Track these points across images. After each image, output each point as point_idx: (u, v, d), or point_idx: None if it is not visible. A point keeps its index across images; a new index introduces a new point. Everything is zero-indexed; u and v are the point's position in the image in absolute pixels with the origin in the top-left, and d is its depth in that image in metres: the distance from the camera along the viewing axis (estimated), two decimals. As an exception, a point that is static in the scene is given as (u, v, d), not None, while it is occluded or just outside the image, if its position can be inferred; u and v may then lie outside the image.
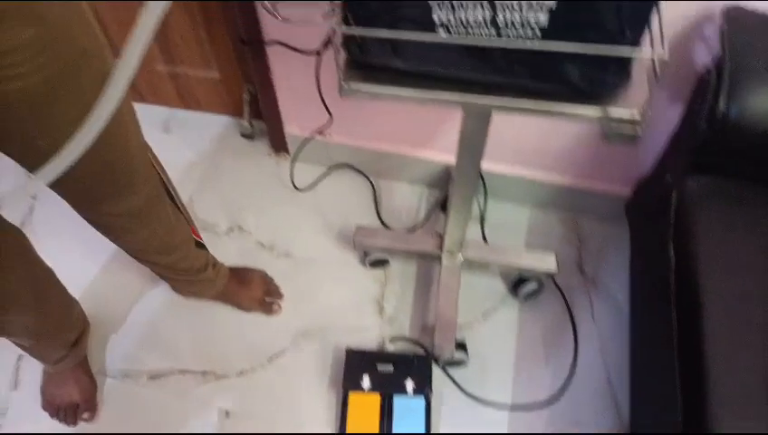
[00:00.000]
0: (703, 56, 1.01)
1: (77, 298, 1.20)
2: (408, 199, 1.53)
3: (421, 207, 1.52)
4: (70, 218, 0.92)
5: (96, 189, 0.87)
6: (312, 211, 1.50)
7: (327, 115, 1.31)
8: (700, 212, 0.93)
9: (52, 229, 1.44)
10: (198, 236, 1.20)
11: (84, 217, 0.94)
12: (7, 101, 0.68)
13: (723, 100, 0.89)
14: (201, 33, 1.43)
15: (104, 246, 1.03)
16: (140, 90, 1.64)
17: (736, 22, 0.94)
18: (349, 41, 0.72)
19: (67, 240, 1.39)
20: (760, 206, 0.93)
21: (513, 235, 1.46)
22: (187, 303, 1.35)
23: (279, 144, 1.57)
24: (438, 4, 0.62)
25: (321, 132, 1.44)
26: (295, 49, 1.15)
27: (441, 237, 1.29)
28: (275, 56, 1.30)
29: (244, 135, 1.64)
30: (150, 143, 0.94)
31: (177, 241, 1.12)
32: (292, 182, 1.53)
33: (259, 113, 1.53)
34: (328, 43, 0.99)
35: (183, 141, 1.63)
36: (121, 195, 0.92)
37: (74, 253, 1.39)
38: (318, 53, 1.05)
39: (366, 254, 1.36)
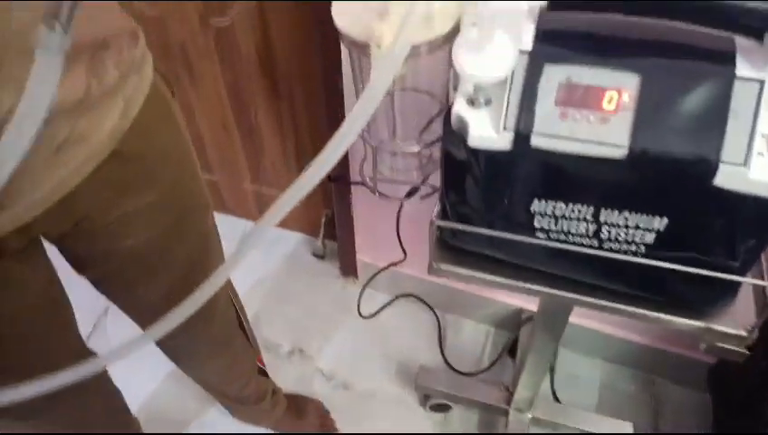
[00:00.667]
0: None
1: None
2: (474, 338, 1.49)
3: (487, 348, 1.47)
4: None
5: None
6: (376, 341, 1.48)
7: (400, 252, 1.32)
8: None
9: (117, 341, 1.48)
10: (262, 363, 1.19)
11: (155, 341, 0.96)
12: (118, 257, 0.71)
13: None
14: (291, 162, 1.50)
15: (163, 361, 1.03)
16: (225, 202, 1.71)
17: None
18: (444, 229, 0.72)
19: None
20: None
21: (585, 390, 1.38)
22: (243, 426, 1.32)
23: (349, 268, 1.58)
24: (540, 216, 0.62)
25: (394, 265, 1.45)
26: (380, 193, 1.18)
27: (509, 392, 1.23)
28: (358, 191, 1.34)
29: (315, 254, 1.66)
30: (225, 254, 0.95)
31: (242, 371, 1.12)
32: (359, 310, 1.52)
33: (333, 235, 1.56)
34: (411, 193, 1.01)
35: (256, 255, 1.67)
36: (197, 326, 0.93)
37: (133, 366, 1.41)
38: (401, 201, 1.07)
39: (427, 397, 1.32)
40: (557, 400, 1.36)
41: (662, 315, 0.69)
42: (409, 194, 1.05)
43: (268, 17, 1.20)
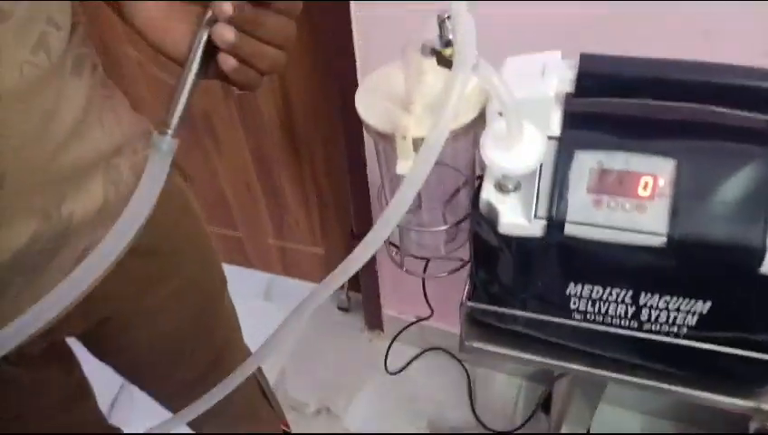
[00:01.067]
0: None
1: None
2: (505, 392, 1.45)
3: (519, 403, 1.43)
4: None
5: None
6: (404, 397, 1.45)
7: (426, 307, 1.30)
8: None
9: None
10: (287, 426, 1.17)
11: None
12: (142, 348, 0.71)
13: None
14: (314, 219, 1.50)
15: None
16: (249, 257, 1.72)
17: None
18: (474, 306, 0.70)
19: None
20: None
21: (623, 445, 1.33)
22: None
23: (374, 322, 1.56)
24: (576, 298, 0.60)
25: (421, 320, 1.43)
26: (407, 270, 1.18)
27: (545, 453, 1.19)
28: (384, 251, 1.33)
29: (340, 308, 1.65)
30: (251, 310, 0.94)
31: (265, 438, 1.10)
32: (385, 365, 1.50)
33: (358, 287, 1.55)
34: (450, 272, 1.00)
35: (281, 309, 1.66)
36: (220, 402, 0.92)
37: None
38: (426, 259, 1.05)
39: (460, 459, 1.28)
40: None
41: (710, 395, 0.66)
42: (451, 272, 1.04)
43: (288, 85, 1.22)
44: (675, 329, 0.60)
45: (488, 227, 0.59)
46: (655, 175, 0.53)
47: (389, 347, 1.48)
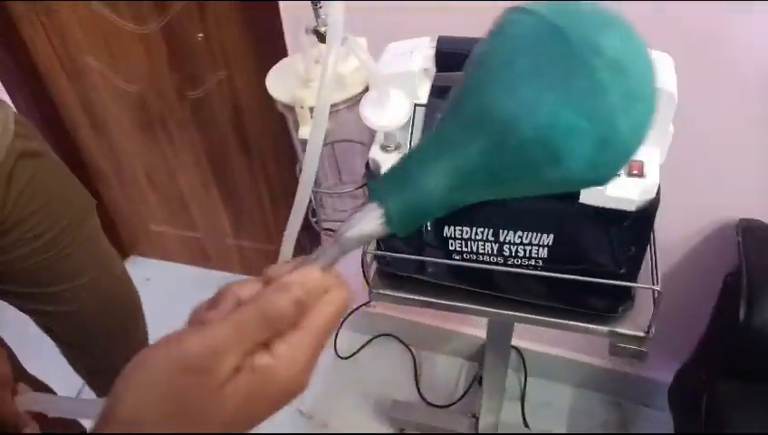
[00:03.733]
0: (726, 262, 1.06)
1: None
2: (448, 372, 1.56)
3: (461, 381, 1.54)
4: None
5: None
6: (354, 380, 1.55)
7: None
8: (730, 415, 0.92)
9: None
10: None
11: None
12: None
13: (743, 308, 0.92)
14: (268, 217, 1.62)
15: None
16: (211, 259, 1.82)
17: (750, 233, 0.99)
18: (379, 257, 0.82)
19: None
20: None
21: (555, 415, 1.44)
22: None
23: (327, 312, 1.67)
24: (452, 240, 0.72)
25: (365, 305, 1.54)
26: (325, 230, 1.30)
27: (476, 418, 1.30)
28: (327, 239, 1.44)
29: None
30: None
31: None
32: (335, 351, 1.60)
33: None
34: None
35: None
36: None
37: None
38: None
39: (401, 429, 1.38)
40: (527, 426, 1.42)
41: (572, 323, 0.78)
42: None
43: (237, 86, 1.35)
44: (532, 262, 0.72)
45: (374, 178, 0.71)
46: (499, 130, 0.65)
47: (338, 332, 1.59)
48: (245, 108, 1.39)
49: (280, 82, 0.73)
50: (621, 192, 0.62)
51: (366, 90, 0.71)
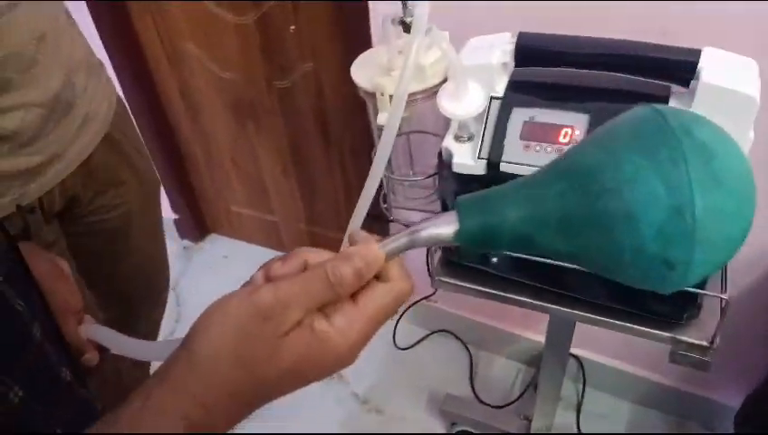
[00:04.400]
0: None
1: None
2: (503, 374, 1.56)
3: (516, 384, 1.54)
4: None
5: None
6: (410, 372, 1.59)
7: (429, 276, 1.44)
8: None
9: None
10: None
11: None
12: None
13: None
14: (341, 205, 1.68)
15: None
16: (284, 243, 1.91)
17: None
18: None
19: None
20: None
21: (611, 428, 1.42)
22: None
23: (389, 303, 1.71)
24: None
25: (426, 299, 1.57)
26: (395, 219, 1.33)
27: (529, 420, 1.30)
28: (396, 228, 1.49)
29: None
30: None
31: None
32: (394, 341, 1.64)
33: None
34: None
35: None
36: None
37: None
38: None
39: (453, 424, 1.40)
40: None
41: (635, 326, 0.78)
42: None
43: (322, 79, 1.41)
44: (596, 260, 0.73)
45: (447, 169, 0.74)
46: (572, 126, 0.67)
47: (397, 323, 1.63)
48: (328, 100, 1.45)
49: (363, 71, 0.78)
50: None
51: (444, 81, 0.74)
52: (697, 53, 0.62)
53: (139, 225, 0.94)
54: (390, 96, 0.72)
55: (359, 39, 1.20)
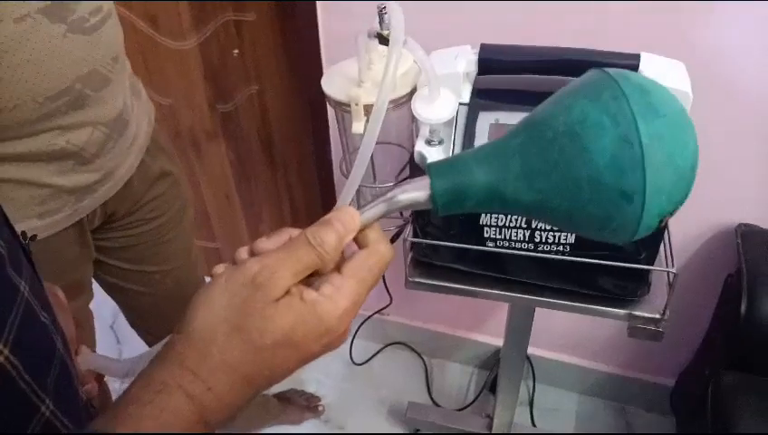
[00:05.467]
0: (728, 263, 1.14)
1: None
2: (458, 379, 1.62)
3: (471, 388, 1.59)
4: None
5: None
6: (367, 386, 1.60)
7: (388, 297, 1.48)
8: (734, 404, 0.99)
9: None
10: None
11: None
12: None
13: (743, 304, 1.00)
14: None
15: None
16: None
17: (749, 237, 1.08)
18: (416, 245, 0.90)
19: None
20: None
21: (562, 420, 1.50)
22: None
23: (341, 321, 1.72)
24: (488, 228, 0.80)
25: (380, 312, 1.60)
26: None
27: (491, 419, 1.35)
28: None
29: (310, 311, 1.81)
30: None
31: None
32: (351, 357, 1.65)
33: (325, 292, 1.71)
34: (393, 239, 1.19)
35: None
36: None
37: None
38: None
39: (416, 430, 1.43)
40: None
41: (595, 307, 0.86)
42: (393, 239, 1.23)
43: (267, 101, 1.43)
44: (560, 248, 0.80)
45: (418, 173, 0.79)
46: (534, 126, 0.74)
47: (353, 338, 1.64)
48: (273, 122, 1.47)
49: (335, 84, 0.82)
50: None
51: (412, 92, 0.80)
52: (637, 56, 0.72)
53: (172, 237, 0.96)
54: (365, 106, 0.76)
55: (307, 60, 1.23)
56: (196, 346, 0.34)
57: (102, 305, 0.95)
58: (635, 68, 0.71)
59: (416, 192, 0.39)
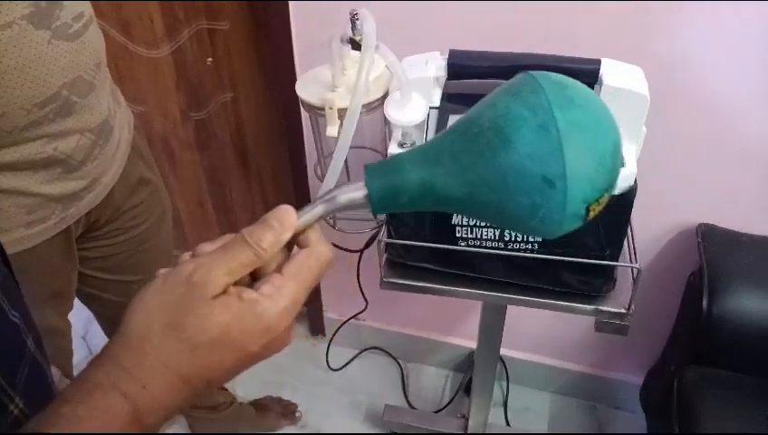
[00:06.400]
0: (690, 262, 1.19)
1: None
2: (434, 382, 1.63)
3: (446, 390, 1.61)
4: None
5: None
6: (344, 391, 1.61)
7: (363, 302, 1.49)
8: (698, 397, 1.03)
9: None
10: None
11: None
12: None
13: (705, 301, 1.05)
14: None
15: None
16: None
17: (709, 236, 1.13)
18: (390, 247, 0.92)
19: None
20: (749, 392, 1.03)
21: (535, 420, 1.53)
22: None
23: (317, 328, 1.73)
24: (460, 227, 0.82)
25: (356, 317, 1.61)
26: (341, 248, 1.38)
27: (466, 420, 1.37)
28: (342, 236, 1.52)
29: (285, 317, 1.81)
30: None
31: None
32: (327, 363, 1.66)
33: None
34: (368, 244, 1.21)
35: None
36: None
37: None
38: (360, 252, 1.26)
39: (393, 433, 1.44)
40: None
41: (563, 302, 0.89)
42: (367, 245, 1.24)
43: (241, 108, 1.44)
44: (529, 246, 0.83)
45: (394, 174, 0.81)
46: (502, 128, 0.77)
47: (330, 343, 1.65)
48: (247, 129, 1.48)
49: (309, 88, 0.83)
50: (606, 180, 0.74)
51: (384, 96, 0.82)
52: (598, 61, 0.75)
53: (152, 246, 0.96)
54: (339, 110, 0.78)
55: (280, 67, 1.25)
56: (131, 346, 0.34)
57: (74, 316, 0.95)
58: (596, 72, 0.75)
59: (353, 192, 0.40)
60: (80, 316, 1.04)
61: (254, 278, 0.38)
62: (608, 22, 0.98)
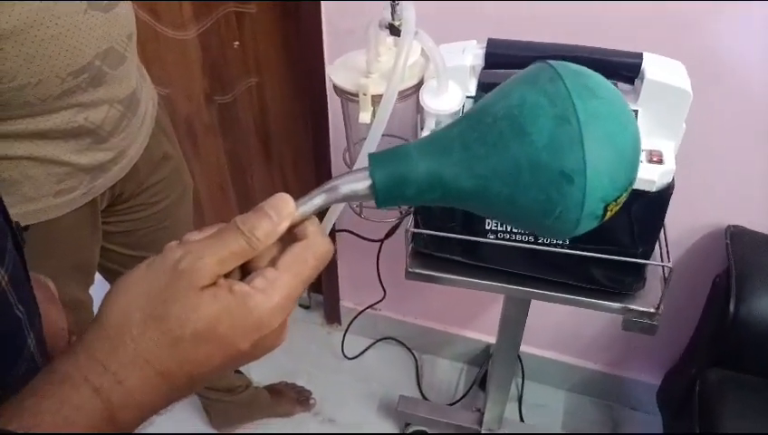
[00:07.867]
0: (716, 264, 1.17)
1: None
2: (448, 374, 1.63)
3: (461, 383, 1.61)
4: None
5: None
6: (358, 380, 1.61)
7: (381, 292, 1.49)
8: (721, 400, 1.02)
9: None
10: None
11: None
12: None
13: (732, 303, 1.03)
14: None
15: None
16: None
17: (738, 238, 1.11)
18: (416, 237, 0.91)
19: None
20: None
21: (550, 417, 1.52)
22: None
23: (333, 316, 1.73)
24: (489, 219, 0.82)
25: (372, 307, 1.61)
26: (362, 237, 1.37)
27: (481, 414, 1.37)
28: (342, 240, 1.52)
29: (301, 305, 1.81)
30: None
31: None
32: (342, 351, 1.66)
33: (319, 287, 1.72)
34: (389, 234, 1.20)
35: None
36: None
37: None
38: (381, 241, 1.25)
39: (407, 424, 1.44)
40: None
41: (591, 300, 0.88)
42: (388, 235, 1.24)
43: (266, 93, 1.44)
44: (560, 241, 0.82)
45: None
46: (539, 120, 0.76)
47: (346, 332, 1.65)
48: (271, 114, 1.48)
49: (342, 74, 0.82)
50: (644, 174, 0.73)
51: (418, 84, 0.81)
52: (640, 55, 0.74)
53: (172, 223, 0.97)
54: (372, 96, 0.77)
55: (308, 53, 1.24)
56: (107, 336, 0.30)
57: (95, 293, 0.95)
58: (638, 66, 0.73)
59: (356, 182, 0.37)
60: (99, 296, 1.05)
61: (244, 274, 0.35)
62: (641, 15, 0.96)
